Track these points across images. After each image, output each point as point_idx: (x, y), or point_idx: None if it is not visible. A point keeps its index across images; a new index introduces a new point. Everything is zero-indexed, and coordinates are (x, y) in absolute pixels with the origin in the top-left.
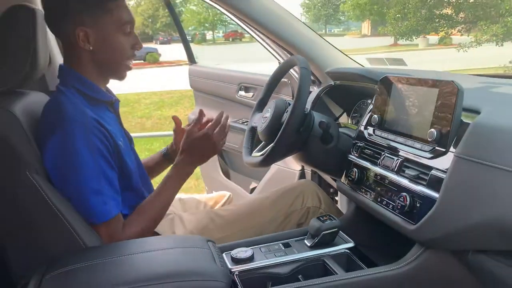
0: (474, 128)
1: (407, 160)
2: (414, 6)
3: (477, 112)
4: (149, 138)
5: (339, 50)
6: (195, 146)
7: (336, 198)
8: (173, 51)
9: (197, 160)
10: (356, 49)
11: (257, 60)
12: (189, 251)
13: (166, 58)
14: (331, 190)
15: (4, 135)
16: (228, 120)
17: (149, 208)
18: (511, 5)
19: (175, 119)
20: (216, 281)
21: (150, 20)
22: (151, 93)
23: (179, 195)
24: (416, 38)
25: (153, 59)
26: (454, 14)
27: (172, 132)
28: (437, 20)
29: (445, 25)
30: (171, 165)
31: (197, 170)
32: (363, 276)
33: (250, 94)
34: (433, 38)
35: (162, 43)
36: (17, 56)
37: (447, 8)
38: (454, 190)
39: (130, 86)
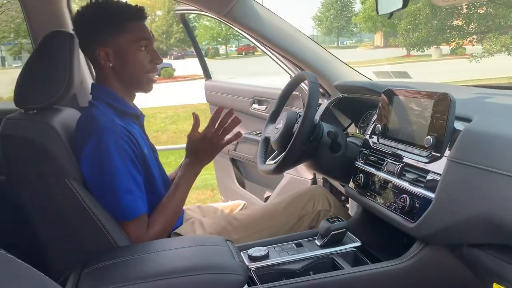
0: (464, 134)
1: (407, 165)
2: (425, 17)
3: (469, 120)
4: (164, 152)
5: (346, 64)
6: (198, 148)
7: (347, 205)
8: (187, 65)
9: (202, 160)
10: (369, 60)
11: (269, 74)
12: (210, 248)
13: (180, 73)
14: (343, 198)
15: (46, 146)
16: (244, 133)
17: (167, 207)
18: None
19: (195, 117)
20: (235, 274)
21: (164, 36)
22: (166, 107)
23: (198, 204)
24: (427, 49)
25: (167, 74)
26: (465, 25)
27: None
28: (448, 31)
29: (456, 36)
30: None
31: (213, 181)
32: (368, 270)
33: (263, 107)
34: (446, 48)
35: (176, 58)
36: (56, 76)
37: (458, 19)
38: (447, 190)
39: (145, 101)
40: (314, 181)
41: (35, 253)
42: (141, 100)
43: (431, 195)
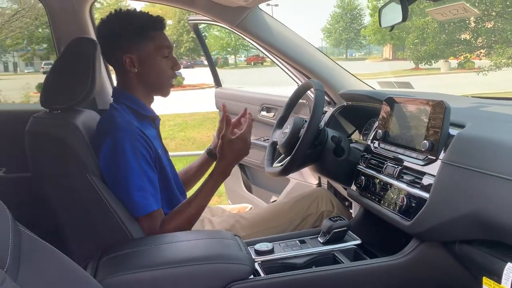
0: (457, 139)
1: (405, 167)
2: (433, 31)
3: (463, 126)
4: (173, 158)
5: (351, 74)
6: (233, 148)
7: (351, 210)
8: (196, 75)
9: (234, 160)
10: (378, 73)
11: (278, 84)
12: (219, 241)
13: (189, 81)
14: (346, 203)
15: (69, 143)
16: (252, 139)
17: (187, 208)
18: None
19: (224, 106)
20: (243, 265)
21: (174, 45)
22: (175, 115)
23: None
24: (435, 62)
25: (177, 83)
26: (472, 39)
27: (195, 152)
28: (455, 45)
29: (463, 50)
30: (211, 171)
31: (221, 187)
32: (366, 265)
33: (271, 114)
34: (455, 62)
35: (185, 67)
36: (79, 80)
37: (466, 33)
38: (440, 191)
39: (155, 109)
40: (319, 186)
41: (57, 244)
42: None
43: (426, 195)
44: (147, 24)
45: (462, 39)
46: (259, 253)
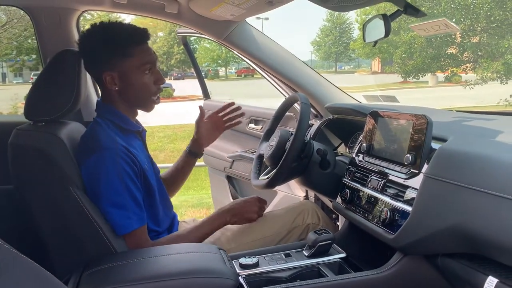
0: (439, 152)
1: (389, 181)
2: (420, 46)
3: (445, 140)
4: (161, 170)
5: (337, 87)
6: (242, 210)
7: (338, 223)
8: (187, 86)
9: (238, 218)
10: (366, 86)
11: (268, 96)
12: (203, 255)
13: (179, 93)
14: (333, 216)
15: (53, 155)
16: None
17: (182, 239)
18: (510, 43)
19: (201, 109)
20: (226, 279)
21: (165, 56)
22: (165, 126)
23: (194, 217)
24: (422, 76)
25: (167, 94)
26: (458, 53)
27: None
28: (442, 59)
29: (450, 64)
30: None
31: (209, 200)
32: (350, 278)
33: (259, 127)
34: (442, 75)
35: (176, 78)
36: (64, 92)
37: (452, 48)
38: (423, 204)
39: (144, 120)
40: (306, 199)
41: (39, 257)
42: (140, 120)
43: (409, 208)
44: (126, 40)
45: (449, 53)
46: (243, 266)
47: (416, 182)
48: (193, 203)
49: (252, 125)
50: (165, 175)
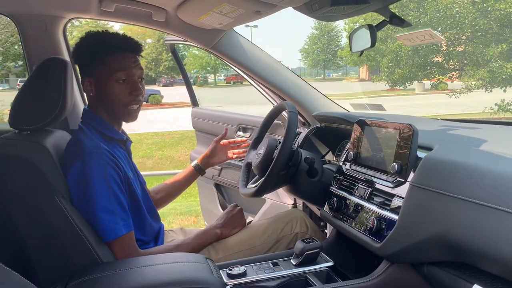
0: (424, 162)
1: (376, 189)
2: (406, 54)
3: (430, 149)
4: (149, 177)
5: (324, 95)
6: (233, 220)
7: (326, 231)
8: (175, 93)
9: (229, 228)
10: (354, 93)
11: (257, 103)
12: (190, 264)
13: (168, 100)
14: (322, 224)
15: (38, 165)
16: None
17: (172, 250)
18: (495, 52)
19: (226, 131)
20: None
21: (153, 63)
22: (153, 133)
23: (181, 226)
24: (409, 85)
25: (155, 101)
26: (444, 61)
27: (172, 171)
28: (428, 67)
29: (436, 72)
30: (210, 227)
31: (197, 207)
32: (338, 287)
33: (247, 134)
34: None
35: (164, 85)
36: (50, 100)
37: (438, 56)
38: (409, 213)
39: (132, 127)
40: (295, 207)
41: (22, 268)
42: (127, 126)
43: (395, 217)
44: (101, 48)
45: (435, 61)
46: (231, 276)
47: (402, 190)
48: (181, 210)
49: (240, 133)
50: (160, 186)
